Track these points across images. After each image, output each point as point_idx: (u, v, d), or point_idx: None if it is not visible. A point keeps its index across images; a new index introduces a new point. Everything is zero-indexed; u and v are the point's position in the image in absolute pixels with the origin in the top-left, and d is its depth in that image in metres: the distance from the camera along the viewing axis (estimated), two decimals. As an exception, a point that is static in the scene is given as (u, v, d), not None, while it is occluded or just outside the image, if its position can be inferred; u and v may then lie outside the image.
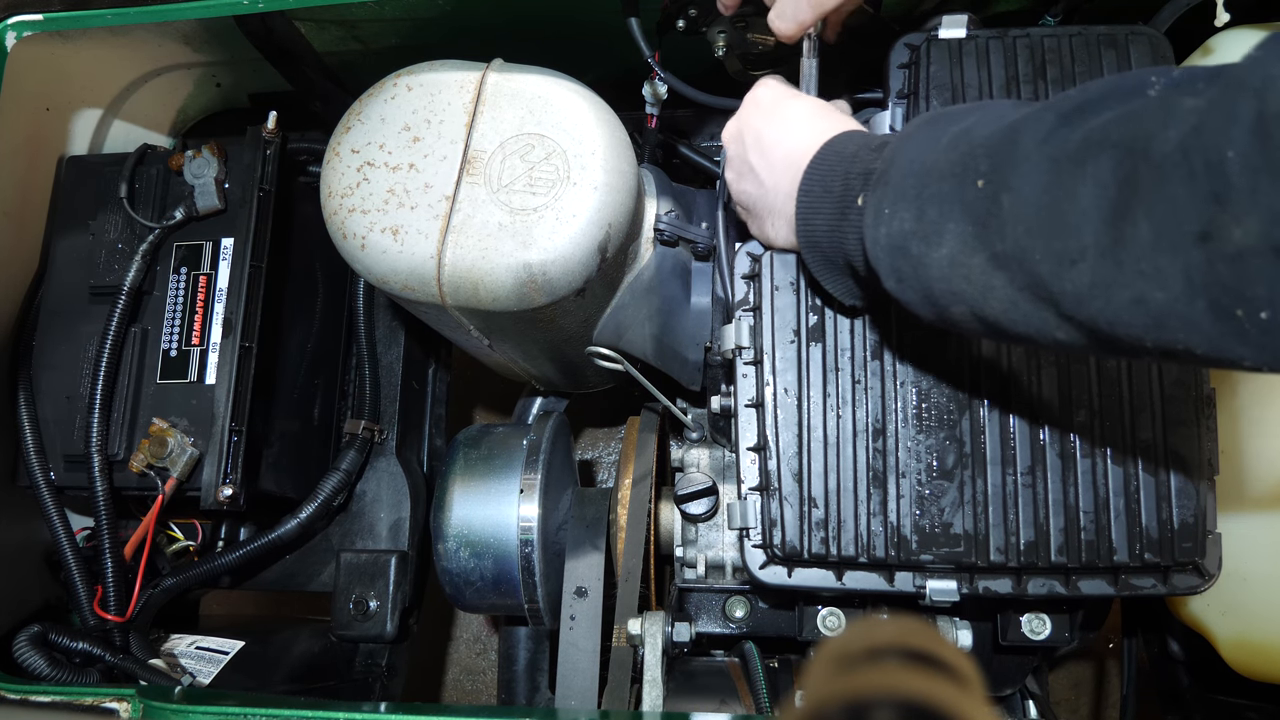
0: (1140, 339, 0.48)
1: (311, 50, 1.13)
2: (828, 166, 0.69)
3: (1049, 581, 0.78)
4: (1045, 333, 0.54)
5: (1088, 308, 0.49)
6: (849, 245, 0.67)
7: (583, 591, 0.95)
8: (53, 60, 1.07)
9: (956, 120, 0.60)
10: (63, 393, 1.05)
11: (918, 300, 0.61)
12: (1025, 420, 0.77)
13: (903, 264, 0.60)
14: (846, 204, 0.66)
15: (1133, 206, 0.45)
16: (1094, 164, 0.47)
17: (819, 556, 0.78)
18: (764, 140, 0.77)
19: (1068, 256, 0.49)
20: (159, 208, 1.08)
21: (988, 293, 0.55)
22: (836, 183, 0.68)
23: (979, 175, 0.54)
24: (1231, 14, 0.84)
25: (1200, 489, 0.75)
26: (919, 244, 0.58)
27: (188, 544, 1.16)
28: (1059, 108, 0.52)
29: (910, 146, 0.61)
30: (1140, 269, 0.45)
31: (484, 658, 1.88)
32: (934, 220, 0.57)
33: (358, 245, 0.85)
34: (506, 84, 0.89)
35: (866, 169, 0.65)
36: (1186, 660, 1.10)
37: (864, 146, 0.68)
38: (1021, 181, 0.51)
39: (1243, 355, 0.44)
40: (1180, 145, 0.43)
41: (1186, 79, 0.47)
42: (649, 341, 1.01)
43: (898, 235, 0.60)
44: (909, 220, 0.58)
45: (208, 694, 0.97)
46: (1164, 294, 0.45)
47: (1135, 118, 0.47)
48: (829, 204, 0.68)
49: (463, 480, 1.05)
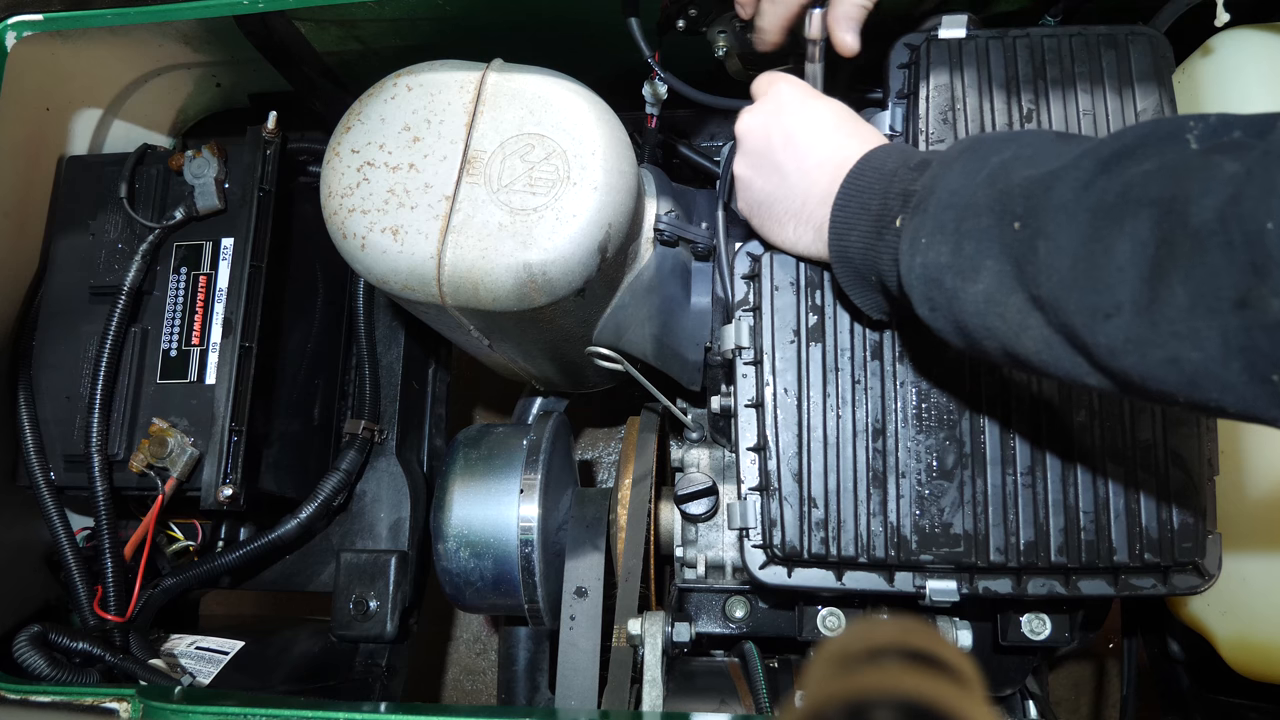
0: (1173, 395, 0.48)
1: (311, 50, 1.13)
2: (866, 182, 0.68)
3: (1049, 581, 0.78)
4: (1077, 377, 0.54)
5: (1121, 361, 0.49)
6: (883, 265, 0.66)
7: (583, 591, 0.95)
8: (53, 60, 1.07)
9: (997, 151, 0.60)
10: (63, 393, 1.05)
11: (949, 330, 0.61)
12: (1025, 420, 0.77)
13: (937, 294, 0.60)
14: (884, 224, 0.66)
15: (1169, 269, 0.46)
16: (1132, 222, 0.48)
17: (819, 556, 0.78)
18: (798, 141, 0.75)
19: (1102, 310, 0.49)
20: (159, 208, 1.08)
21: (1022, 332, 0.55)
22: (874, 201, 0.67)
23: (1016, 217, 0.54)
24: (1231, 14, 0.84)
25: (1200, 489, 0.75)
26: (954, 278, 0.58)
27: (188, 544, 1.16)
28: (1098, 153, 0.52)
29: (950, 176, 0.61)
30: (1175, 330, 0.46)
31: (484, 658, 1.88)
32: (971, 256, 0.57)
33: (358, 245, 0.85)
34: (506, 84, 0.89)
35: (905, 190, 0.65)
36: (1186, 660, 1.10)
37: (903, 165, 0.67)
38: (1058, 230, 0.51)
39: (1277, 416, 0.45)
40: (1219, 214, 0.43)
41: (1223, 127, 0.47)
42: (649, 341, 1.01)
43: (933, 267, 0.59)
44: (945, 253, 0.58)
45: (208, 694, 0.97)
46: (1199, 355, 0.45)
47: (1174, 175, 0.47)
48: (866, 221, 0.68)
49: (463, 480, 1.05)
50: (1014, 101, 0.84)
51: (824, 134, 0.74)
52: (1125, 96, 0.83)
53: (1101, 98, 0.83)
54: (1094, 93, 0.83)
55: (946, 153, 0.64)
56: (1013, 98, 0.84)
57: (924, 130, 0.84)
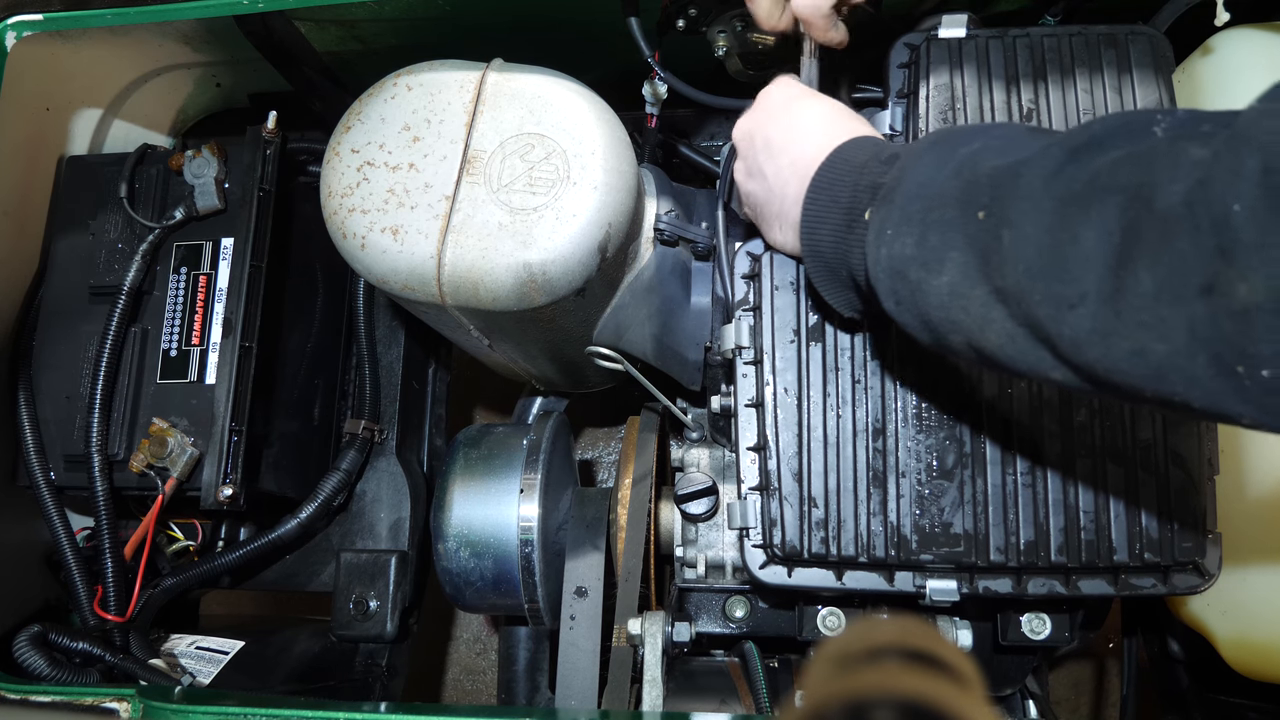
0: (1139, 389, 0.47)
1: (311, 50, 1.13)
2: (835, 174, 0.68)
3: (1049, 581, 0.78)
4: (1041, 371, 0.53)
5: (1085, 354, 0.49)
6: (853, 259, 0.65)
7: (583, 591, 0.95)
8: (53, 60, 1.07)
9: (966, 142, 0.59)
10: (63, 393, 1.05)
11: (915, 324, 0.61)
12: (1025, 420, 0.77)
13: (901, 287, 0.59)
14: (853, 217, 0.65)
15: (1135, 255, 0.45)
16: (1099, 208, 0.47)
17: (819, 556, 0.78)
18: (773, 143, 0.75)
19: (1067, 301, 0.48)
20: (159, 208, 1.08)
21: (986, 325, 0.54)
22: (844, 193, 0.66)
23: (981, 207, 0.53)
24: (1231, 14, 0.84)
25: (1200, 489, 0.75)
26: (919, 270, 0.57)
27: (188, 544, 1.16)
28: (1066, 143, 0.51)
29: (919, 168, 0.60)
30: (1141, 319, 0.45)
31: (484, 658, 1.88)
32: (935, 247, 0.56)
33: (358, 245, 0.85)
34: (506, 84, 0.89)
35: (875, 182, 0.64)
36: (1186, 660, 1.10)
37: (874, 157, 0.66)
38: (1023, 219, 0.50)
39: (1241, 412, 0.44)
40: (1186, 199, 0.42)
41: (1191, 121, 0.46)
42: (649, 341, 1.01)
43: (898, 259, 0.59)
44: (910, 245, 0.58)
45: (208, 694, 0.97)
46: (1164, 346, 0.44)
47: (1141, 162, 0.46)
48: (836, 214, 0.67)
49: (463, 480, 1.05)
50: (1014, 101, 0.84)
51: (802, 134, 0.73)
52: (1125, 96, 0.83)
53: (1101, 97, 0.83)
54: (1094, 92, 0.83)
55: (916, 144, 0.63)
56: (1013, 97, 0.84)
57: (924, 130, 0.84)
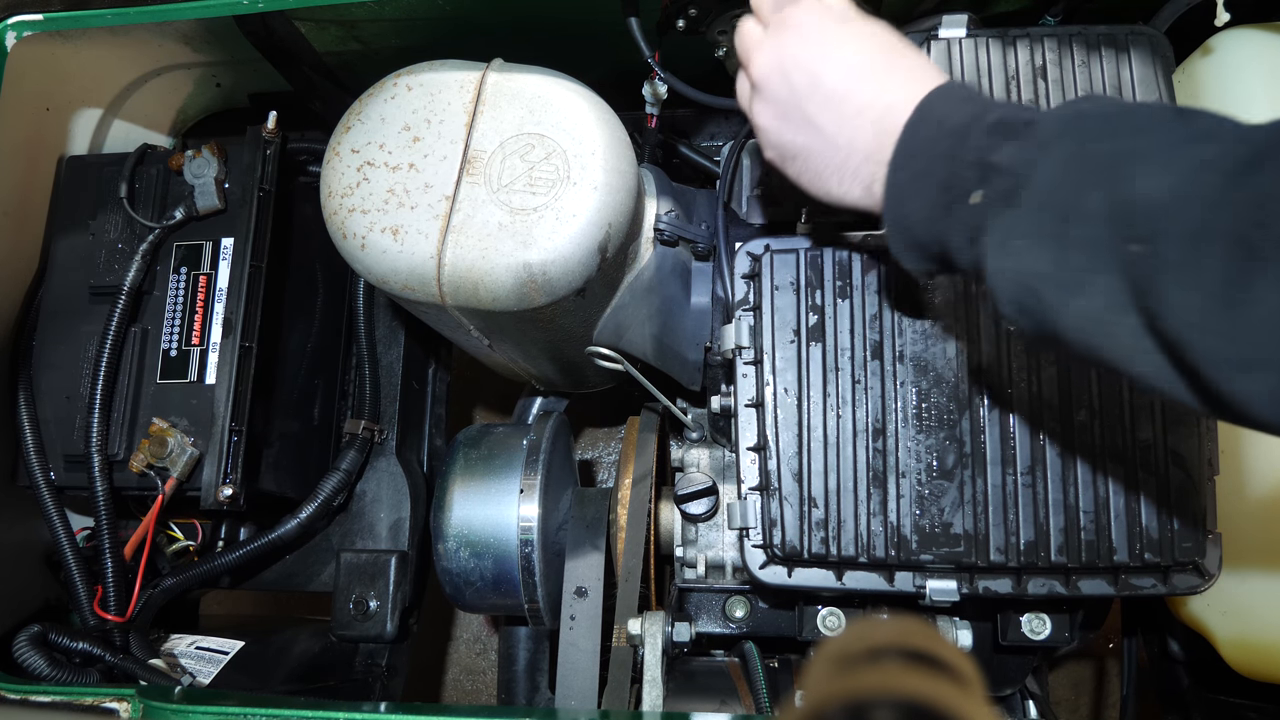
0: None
1: (311, 50, 1.13)
2: (927, 139, 0.59)
3: (1049, 581, 0.78)
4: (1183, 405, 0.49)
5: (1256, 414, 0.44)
6: (953, 241, 0.58)
7: (583, 591, 0.95)
8: (53, 60, 1.07)
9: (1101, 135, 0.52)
10: (63, 393, 1.05)
11: (1034, 334, 0.55)
12: (1025, 420, 0.77)
13: (1030, 301, 0.53)
14: (954, 197, 0.57)
15: None
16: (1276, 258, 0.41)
17: (819, 556, 0.78)
18: (824, 83, 0.63)
19: (1240, 364, 0.44)
20: (159, 208, 1.08)
21: (1136, 356, 0.49)
22: (940, 165, 0.58)
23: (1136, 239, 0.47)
24: (1231, 14, 0.84)
25: (1200, 489, 0.75)
26: (1056, 290, 0.51)
27: (188, 544, 1.16)
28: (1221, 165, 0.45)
29: (1047, 165, 0.53)
30: None
31: (484, 658, 1.88)
32: (1079, 268, 0.50)
33: (358, 245, 0.85)
34: (506, 84, 0.89)
35: (982, 159, 0.55)
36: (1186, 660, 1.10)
37: (975, 121, 0.57)
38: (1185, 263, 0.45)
39: None
40: None
41: None
42: (649, 341, 1.01)
43: (1029, 274, 0.52)
44: (1046, 262, 0.51)
45: (208, 694, 0.97)
46: None
47: None
48: (929, 189, 0.58)
49: (463, 480, 1.05)
50: (1014, 101, 0.84)
51: (859, 73, 0.62)
52: (1125, 96, 0.83)
53: (1101, 97, 0.83)
54: (1094, 92, 0.83)
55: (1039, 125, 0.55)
56: (1013, 97, 0.84)
57: (924, 130, 0.84)
